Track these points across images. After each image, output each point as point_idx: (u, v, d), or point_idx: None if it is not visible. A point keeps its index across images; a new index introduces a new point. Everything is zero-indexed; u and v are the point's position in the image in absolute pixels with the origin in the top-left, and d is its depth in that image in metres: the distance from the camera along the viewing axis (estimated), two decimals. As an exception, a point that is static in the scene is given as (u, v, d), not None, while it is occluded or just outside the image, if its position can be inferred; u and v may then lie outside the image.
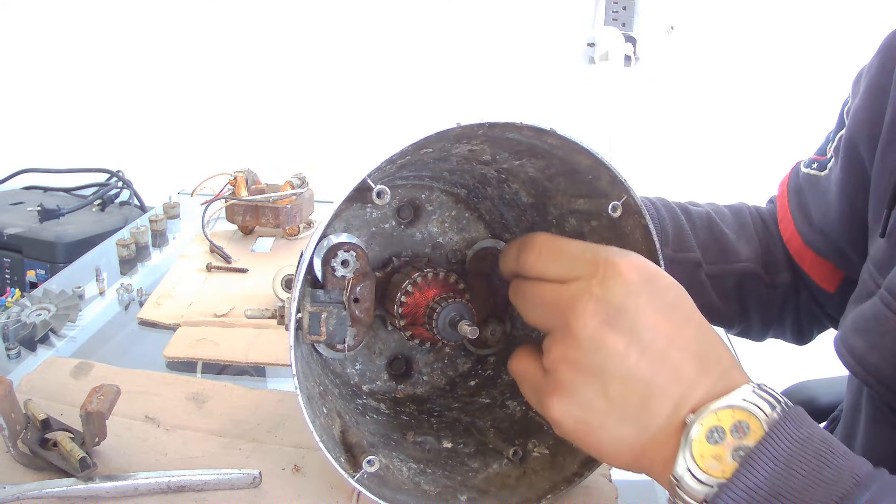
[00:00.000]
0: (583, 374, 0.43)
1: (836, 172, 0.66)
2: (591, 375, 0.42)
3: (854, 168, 0.63)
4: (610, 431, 0.43)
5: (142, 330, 0.83)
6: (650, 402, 0.42)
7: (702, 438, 0.39)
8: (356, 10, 1.89)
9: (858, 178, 0.63)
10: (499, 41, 1.88)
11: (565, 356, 0.43)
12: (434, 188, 0.61)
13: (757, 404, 0.39)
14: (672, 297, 0.44)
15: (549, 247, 0.47)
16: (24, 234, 1.24)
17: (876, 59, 0.62)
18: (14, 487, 0.52)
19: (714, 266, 0.71)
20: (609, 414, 0.42)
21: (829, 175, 0.68)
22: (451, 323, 0.53)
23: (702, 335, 0.43)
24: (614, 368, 0.42)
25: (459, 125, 0.45)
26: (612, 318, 0.42)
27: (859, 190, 0.62)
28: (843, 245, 0.66)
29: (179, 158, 1.83)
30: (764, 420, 0.39)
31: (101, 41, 1.95)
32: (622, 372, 0.42)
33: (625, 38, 1.83)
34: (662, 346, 0.42)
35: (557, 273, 0.46)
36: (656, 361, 0.42)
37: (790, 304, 0.74)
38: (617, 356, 0.42)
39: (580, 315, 0.42)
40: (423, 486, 0.52)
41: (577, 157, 0.50)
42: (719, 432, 0.39)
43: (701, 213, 0.74)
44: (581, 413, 0.43)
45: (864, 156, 0.62)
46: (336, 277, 0.54)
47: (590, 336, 0.42)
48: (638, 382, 0.42)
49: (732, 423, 0.39)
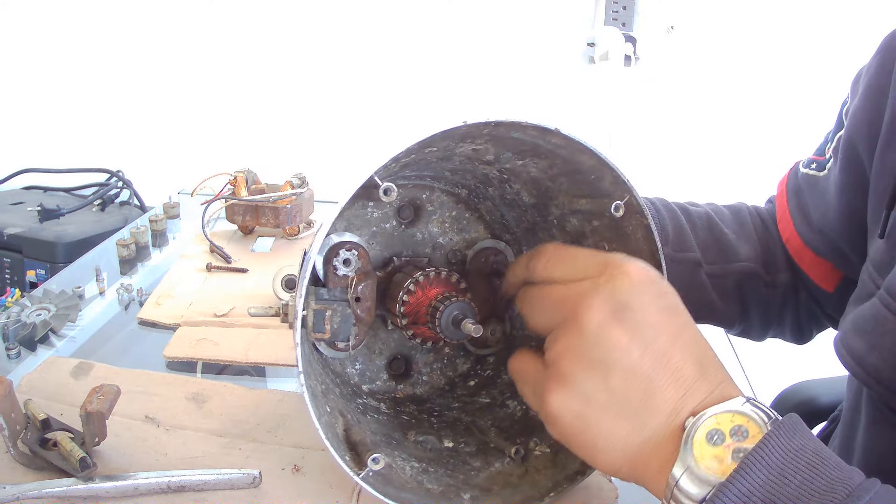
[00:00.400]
0: (585, 365, 0.43)
1: (835, 173, 0.66)
2: (594, 367, 0.43)
3: (853, 169, 0.63)
4: (606, 427, 0.43)
5: (142, 330, 0.83)
6: (650, 400, 0.42)
7: (702, 439, 0.40)
8: (355, 11, 1.89)
9: (857, 178, 0.63)
10: (499, 41, 1.88)
11: (569, 347, 0.44)
12: (435, 188, 0.61)
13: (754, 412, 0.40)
14: (672, 303, 0.45)
15: (558, 253, 0.49)
16: (24, 234, 1.24)
17: (875, 59, 0.62)
18: (14, 487, 0.52)
19: (714, 266, 0.71)
20: (608, 408, 0.43)
21: (827, 175, 0.68)
22: (454, 321, 0.53)
23: (700, 343, 0.44)
24: (617, 361, 0.42)
25: (466, 123, 0.45)
26: (617, 312, 0.43)
27: (858, 190, 0.62)
28: (843, 245, 0.66)
29: (179, 158, 1.83)
30: (762, 425, 0.40)
31: (101, 41, 1.95)
32: (625, 365, 0.42)
33: (625, 38, 1.83)
34: (664, 346, 0.42)
35: (565, 274, 0.47)
36: (658, 360, 0.42)
37: (790, 303, 0.74)
38: (621, 350, 0.42)
39: (587, 308, 0.43)
40: (427, 485, 0.52)
41: (581, 157, 0.50)
42: (719, 435, 0.40)
43: (700, 213, 0.74)
44: (579, 406, 0.43)
45: (864, 156, 0.62)
46: (338, 276, 0.54)
47: (595, 328, 0.43)
48: (639, 378, 0.42)
49: (732, 427, 0.40)
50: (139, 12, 1.94)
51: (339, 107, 1.93)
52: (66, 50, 1.96)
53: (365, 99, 1.93)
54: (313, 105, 1.95)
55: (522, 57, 1.89)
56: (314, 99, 1.95)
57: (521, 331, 0.64)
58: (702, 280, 0.71)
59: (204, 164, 1.12)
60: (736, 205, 0.78)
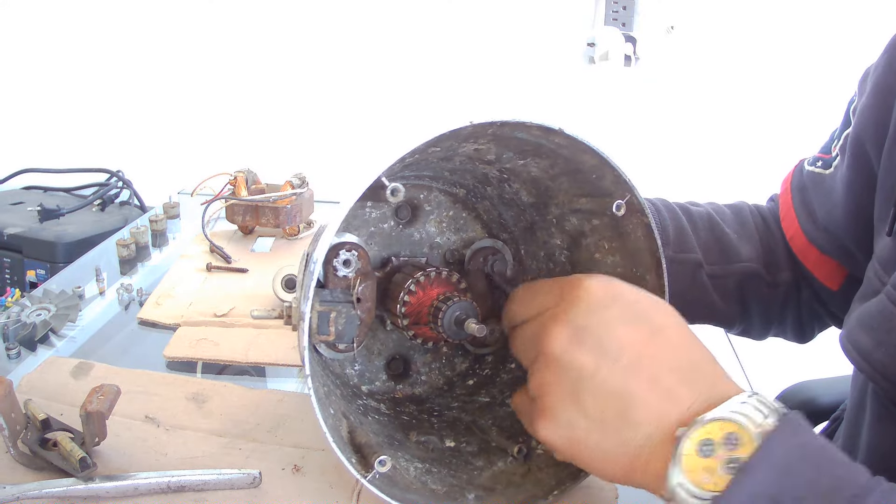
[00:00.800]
0: (560, 396, 0.44)
1: (842, 171, 0.66)
2: (568, 395, 0.44)
3: (860, 166, 0.63)
4: (595, 446, 0.43)
5: (142, 330, 0.83)
6: (629, 414, 0.42)
7: (692, 452, 0.39)
8: (355, 11, 1.89)
9: (865, 176, 0.63)
10: (499, 41, 1.88)
11: (542, 381, 0.45)
12: (433, 188, 0.61)
13: (747, 414, 0.39)
14: (641, 310, 0.45)
15: (524, 292, 0.51)
16: (24, 234, 1.24)
17: (883, 58, 0.62)
18: (14, 487, 0.52)
19: (715, 266, 0.71)
20: (591, 430, 0.43)
21: (834, 173, 0.68)
22: (456, 322, 0.53)
23: (680, 346, 0.44)
24: (586, 384, 0.43)
25: (472, 123, 0.45)
26: (576, 336, 0.44)
27: (866, 188, 0.62)
28: (848, 243, 0.66)
29: (179, 158, 1.83)
30: (755, 432, 0.39)
31: (101, 41, 1.95)
32: (594, 387, 0.43)
33: (625, 38, 1.83)
34: (633, 358, 0.43)
35: (531, 311, 0.49)
36: (628, 373, 0.42)
37: (791, 302, 0.74)
38: (587, 372, 0.43)
39: (548, 339, 0.45)
40: (431, 486, 0.52)
41: (583, 157, 0.50)
42: (709, 445, 0.39)
43: (702, 213, 0.74)
44: (566, 432, 0.44)
45: (871, 154, 0.62)
46: (338, 277, 0.54)
47: (559, 356, 0.44)
48: (611, 396, 0.42)
49: (723, 436, 0.39)
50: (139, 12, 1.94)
51: (339, 107, 1.93)
52: (66, 50, 1.96)
53: (365, 99, 1.93)
54: (313, 105, 1.95)
55: (523, 57, 1.89)
56: (314, 99, 1.95)
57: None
58: (703, 281, 0.71)
59: (204, 164, 1.12)
60: (737, 204, 0.78)
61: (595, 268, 0.58)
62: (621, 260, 0.56)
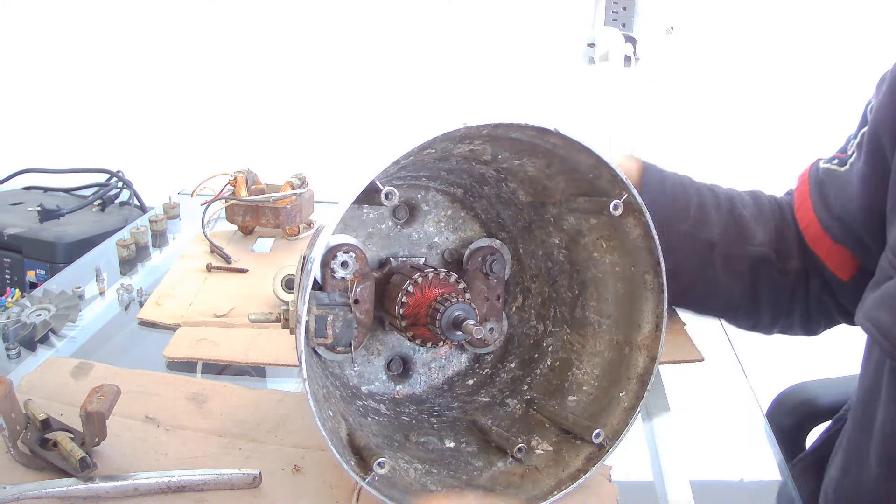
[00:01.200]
0: None
1: (858, 166, 0.68)
2: None
3: (876, 161, 0.65)
4: None
5: (142, 330, 0.83)
6: None
7: None
8: (355, 11, 1.89)
9: (881, 171, 0.64)
10: (499, 41, 1.88)
11: None
12: (430, 188, 0.61)
13: None
14: None
15: None
16: (24, 234, 1.24)
17: None
18: (14, 487, 0.52)
19: (731, 247, 0.73)
20: None
21: (850, 170, 0.69)
22: (454, 323, 0.53)
23: None
24: None
25: (466, 126, 0.45)
26: None
27: (882, 182, 0.64)
28: (863, 235, 0.68)
29: (179, 158, 1.83)
30: None
31: (101, 41, 1.95)
32: None
33: (625, 38, 1.83)
34: None
35: None
36: None
37: (800, 292, 0.75)
38: None
39: None
40: (431, 487, 0.52)
41: (579, 157, 0.50)
42: None
43: (725, 194, 0.77)
44: None
45: (887, 148, 0.64)
46: (335, 279, 0.54)
47: None
48: None
49: None
50: (139, 12, 1.94)
51: (338, 107, 1.93)
52: (66, 50, 1.96)
53: (365, 99, 1.92)
54: (313, 105, 1.95)
55: (522, 57, 1.88)
56: (314, 99, 1.95)
57: (518, 329, 0.64)
58: (713, 260, 0.72)
59: (204, 165, 1.12)
60: (755, 191, 0.80)
61: (594, 266, 0.58)
62: (620, 258, 0.57)
